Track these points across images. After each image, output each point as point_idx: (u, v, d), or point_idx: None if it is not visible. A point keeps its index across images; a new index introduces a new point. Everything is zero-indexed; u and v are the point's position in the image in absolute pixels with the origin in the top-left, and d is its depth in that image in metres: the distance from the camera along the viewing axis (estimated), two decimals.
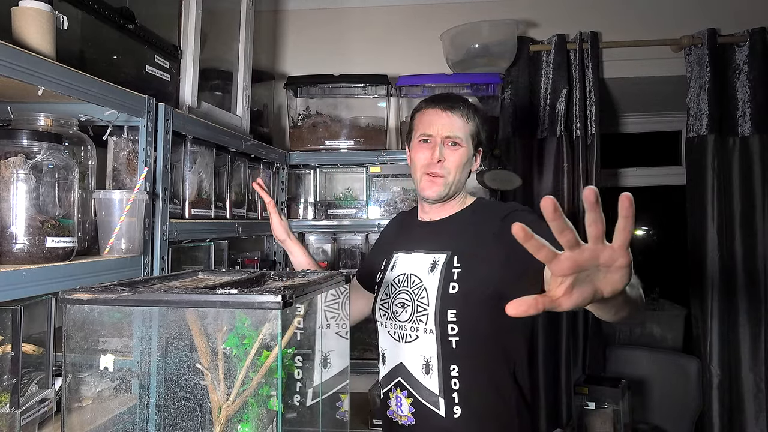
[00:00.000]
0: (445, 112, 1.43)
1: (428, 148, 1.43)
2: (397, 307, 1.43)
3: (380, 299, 1.49)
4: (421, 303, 1.37)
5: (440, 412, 1.33)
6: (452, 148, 1.42)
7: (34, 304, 1.02)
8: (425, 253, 1.44)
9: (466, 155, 1.44)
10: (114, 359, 0.93)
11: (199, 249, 1.69)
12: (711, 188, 2.49)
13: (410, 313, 1.39)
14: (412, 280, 1.42)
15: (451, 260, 1.38)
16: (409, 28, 2.68)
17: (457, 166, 1.42)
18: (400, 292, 1.44)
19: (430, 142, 1.43)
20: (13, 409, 0.97)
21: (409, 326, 1.39)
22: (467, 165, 1.46)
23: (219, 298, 0.81)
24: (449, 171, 1.42)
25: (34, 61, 0.98)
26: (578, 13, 2.62)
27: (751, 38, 2.46)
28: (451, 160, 1.42)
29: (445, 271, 1.37)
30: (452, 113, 1.43)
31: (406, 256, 1.48)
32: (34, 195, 0.99)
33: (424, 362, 1.36)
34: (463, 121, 1.43)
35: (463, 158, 1.43)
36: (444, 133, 1.42)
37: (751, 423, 2.45)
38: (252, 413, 0.90)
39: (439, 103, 1.45)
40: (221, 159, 1.80)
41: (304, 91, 2.43)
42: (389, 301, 1.45)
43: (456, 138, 1.42)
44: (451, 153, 1.42)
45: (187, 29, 1.72)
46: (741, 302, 2.46)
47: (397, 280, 1.46)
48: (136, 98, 1.28)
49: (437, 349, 1.34)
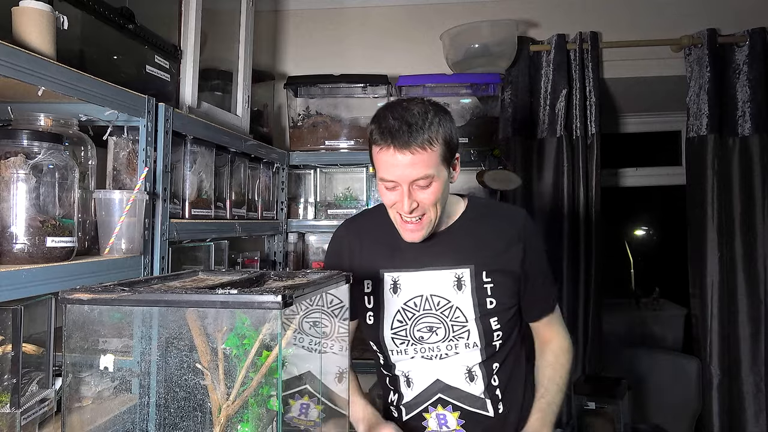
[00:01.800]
0: (402, 154, 1.18)
1: (396, 195, 1.23)
2: (421, 332, 1.32)
3: (389, 330, 1.34)
4: (456, 322, 1.30)
5: (488, 413, 1.33)
6: (423, 188, 1.21)
7: (34, 304, 1.02)
8: (441, 269, 1.32)
9: (442, 183, 1.23)
10: (114, 359, 0.93)
11: (199, 249, 1.69)
12: (711, 188, 2.50)
13: (444, 334, 1.31)
14: (437, 302, 1.31)
15: (479, 274, 1.31)
16: (409, 28, 2.68)
17: (435, 199, 1.23)
18: (421, 316, 1.32)
19: (397, 188, 1.23)
20: (14, 409, 0.97)
21: (444, 345, 1.32)
22: (446, 188, 1.27)
23: (219, 298, 0.81)
24: (428, 208, 1.24)
25: (34, 61, 0.98)
26: (578, 13, 2.62)
27: (751, 38, 2.46)
28: (424, 198, 1.22)
29: (476, 287, 1.30)
30: (412, 151, 1.17)
31: (411, 275, 1.33)
32: (34, 195, 0.99)
33: (466, 371, 1.32)
34: (427, 154, 1.18)
35: (440, 189, 1.23)
36: (409, 179, 1.20)
37: (751, 423, 2.45)
38: (252, 413, 0.90)
39: (393, 142, 1.18)
40: (221, 159, 1.80)
41: (304, 91, 2.43)
42: (406, 328, 1.33)
43: (425, 178, 1.20)
44: (424, 192, 1.22)
45: (187, 29, 1.72)
46: (741, 302, 2.46)
47: (413, 304, 1.32)
48: (136, 98, 1.28)
49: (482, 356, 1.32)
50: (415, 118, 1.19)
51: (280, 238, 2.36)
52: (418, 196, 1.22)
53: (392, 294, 1.34)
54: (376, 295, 1.36)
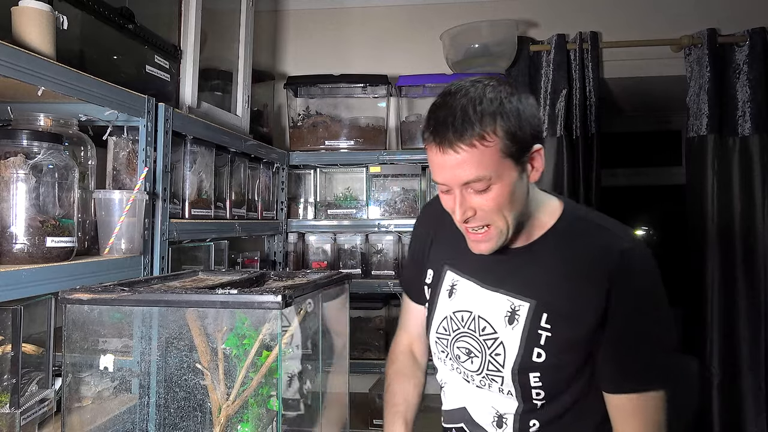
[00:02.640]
0: (446, 154, 0.96)
1: (451, 199, 1.02)
2: (460, 351, 1.13)
3: (436, 328, 1.18)
4: (494, 360, 1.07)
5: None
6: (480, 194, 0.98)
7: (34, 304, 1.02)
8: (499, 292, 1.09)
9: (508, 186, 0.98)
10: (114, 359, 0.93)
11: (199, 249, 1.69)
12: (711, 188, 2.49)
13: (479, 365, 1.09)
14: (482, 327, 1.09)
15: (537, 315, 1.03)
16: (409, 28, 2.68)
17: (499, 207, 0.99)
18: (463, 334, 1.12)
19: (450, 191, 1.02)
20: (13, 409, 0.97)
21: (478, 378, 1.11)
22: (517, 191, 1.00)
23: (219, 298, 0.81)
24: (491, 217, 1.00)
25: (34, 61, 0.98)
26: (578, 13, 2.62)
27: (751, 38, 2.45)
28: (484, 205, 0.99)
29: (529, 329, 1.04)
30: (456, 150, 0.95)
31: (470, 285, 1.13)
32: (34, 195, 0.99)
33: (496, 416, 1.10)
34: (479, 151, 0.94)
35: (504, 193, 0.98)
36: (459, 182, 0.98)
37: (751, 423, 2.45)
38: (252, 413, 0.90)
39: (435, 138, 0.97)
40: (221, 159, 1.80)
41: (304, 91, 2.43)
42: (448, 338, 1.15)
43: (478, 181, 0.96)
44: (481, 197, 0.98)
45: (187, 29, 1.72)
46: (741, 302, 2.46)
47: (460, 317, 1.13)
48: (136, 98, 1.28)
49: (518, 408, 1.07)
50: (464, 107, 0.95)
51: (280, 238, 2.36)
52: (474, 201, 0.99)
53: (447, 296, 1.17)
54: (434, 289, 1.20)
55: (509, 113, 0.95)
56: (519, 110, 0.96)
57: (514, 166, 0.98)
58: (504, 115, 0.95)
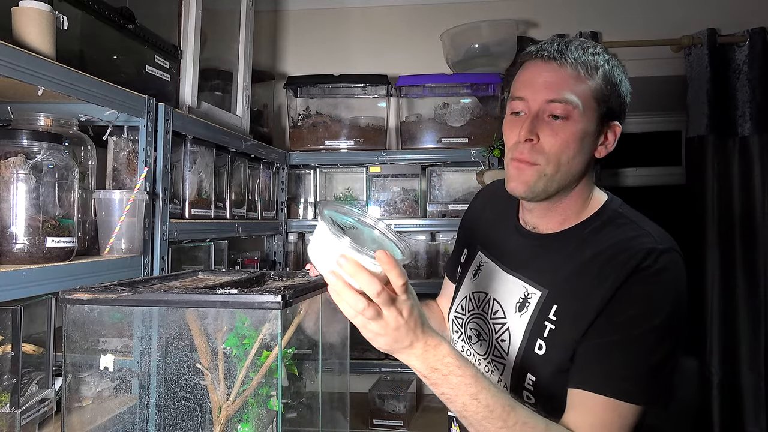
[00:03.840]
0: (548, 65, 0.95)
1: (518, 122, 0.98)
2: (471, 332, 1.11)
3: (456, 307, 1.17)
4: (500, 346, 1.04)
5: None
6: (557, 122, 0.94)
7: (34, 304, 1.02)
8: (516, 276, 1.05)
9: (580, 131, 0.95)
10: (114, 359, 0.93)
11: (199, 249, 1.69)
12: (711, 188, 2.49)
13: (486, 349, 1.07)
14: (495, 310, 1.06)
15: (547, 306, 0.98)
16: (409, 28, 2.68)
17: (562, 148, 0.95)
18: (476, 315, 1.10)
19: (524, 112, 0.98)
20: (13, 409, 0.97)
21: (484, 363, 1.07)
22: (584, 147, 0.97)
23: (219, 298, 0.81)
24: (548, 156, 0.95)
25: (34, 61, 0.98)
26: (578, 13, 2.62)
27: (751, 38, 2.45)
28: (550, 139, 0.94)
29: (536, 319, 0.99)
30: (561, 64, 0.94)
31: (493, 267, 1.11)
32: (34, 195, 0.99)
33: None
34: (578, 76, 0.94)
35: (574, 135, 0.94)
36: (543, 97, 0.94)
37: (751, 422, 2.45)
38: (252, 413, 0.90)
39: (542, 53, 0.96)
40: (221, 159, 1.80)
41: (304, 91, 2.43)
42: (463, 317, 1.14)
43: (562, 103, 0.93)
44: (552, 128, 0.94)
45: (187, 29, 1.72)
46: (741, 302, 2.46)
47: (477, 297, 1.12)
48: (136, 98, 1.28)
49: None
50: (582, 44, 0.97)
51: (280, 238, 2.36)
52: (543, 130, 0.95)
53: (472, 276, 1.14)
54: (464, 268, 1.18)
55: (613, 74, 0.97)
56: (621, 79, 0.99)
57: (596, 120, 0.97)
58: (610, 72, 0.96)
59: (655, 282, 0.91)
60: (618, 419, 0.89)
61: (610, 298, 0.92)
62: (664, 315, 0.91)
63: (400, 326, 0.77)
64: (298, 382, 1.09)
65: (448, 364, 0.81)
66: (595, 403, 0.89)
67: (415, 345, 0.80)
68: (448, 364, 0.81)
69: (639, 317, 0.91)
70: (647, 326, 0.90)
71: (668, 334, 0.91)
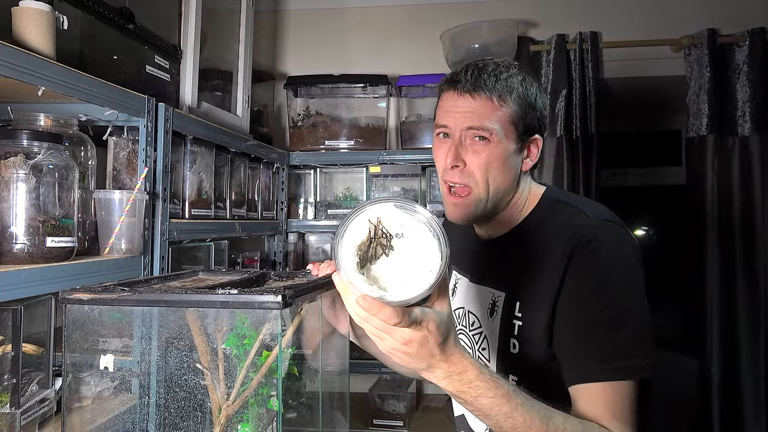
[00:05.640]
0: (463, 98, 1.01)
1: (444, 147, 1.04)
2: None
3: None
4: (482, 357, 1.08)
5: None
6: (479, 143, 1.00)
7: (34, 304, 1.02)
8: (483, 285, 1.11)
9: (501, 152, 1.01)
10: (114, 359, 0.93)
11: (199, 249, 1.69)
12: (711, 188, 2.49)
13: None
14: (471, 321, 1.12)
15: (511, 304, 1.03)
16: (409, 28, 2.68)
17: (487, 167, 1.01)
18: (459, 331, 1.13)
19: (449, 137, 1.04)
20: (13, 409, 0.97)
21: None
22: (508, 165, 1.03)
23: (219, 298, 0.81)
24: (477, 179, 1.02)
25: (34, 61, 0.98)
26: (578, 13, 2.62)
27: (751, 38, 2.45)
28: (475, 160, 1.01)
29: (504, 319, 1.03)
30: (474, 97, 1.00)
31: (464, 281, 1.17)
32: (34, 195, 0.99)
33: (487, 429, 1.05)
34: (493, 106, 1.00)
35: (496, 157, 1.01)
36: (464, 125, 1.01)
37: (751, 422, 2.45)
38: (252, 413, 0.90)
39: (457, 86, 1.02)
40: (221, 159, 1.80)
41: (304, 91, 2.43)
42: None
43: (481, 129, 1.00)
44: (476, 150, 1.01)
45: (187, 29, 1.72)
46: (741, 302, 2.46)
47: (457, 313, 1.16)
48: (136, 98, 1.28)
49: None
50: (494, 70, 1.02)
51: (280, 238, 2.36)
52: (468, 153, 1.01)
53: (451, 294, 1.17)
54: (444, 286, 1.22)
55: (527, 93, 1.03)
56: (535, 96, 1.05)
57: (515, 139, 1.03)
58: (523, 93, 1.03)
59: (593, 258, 0.95)
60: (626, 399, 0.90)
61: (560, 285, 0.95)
62: (614, 285, 0.94)
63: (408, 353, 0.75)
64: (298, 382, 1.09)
65: (477, 387, 0.80)
66: (598, 391, 0.90)
67: (435, 369, 0.78)
68: (476, 387, 0.80)
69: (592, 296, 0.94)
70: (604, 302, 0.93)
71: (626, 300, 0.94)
